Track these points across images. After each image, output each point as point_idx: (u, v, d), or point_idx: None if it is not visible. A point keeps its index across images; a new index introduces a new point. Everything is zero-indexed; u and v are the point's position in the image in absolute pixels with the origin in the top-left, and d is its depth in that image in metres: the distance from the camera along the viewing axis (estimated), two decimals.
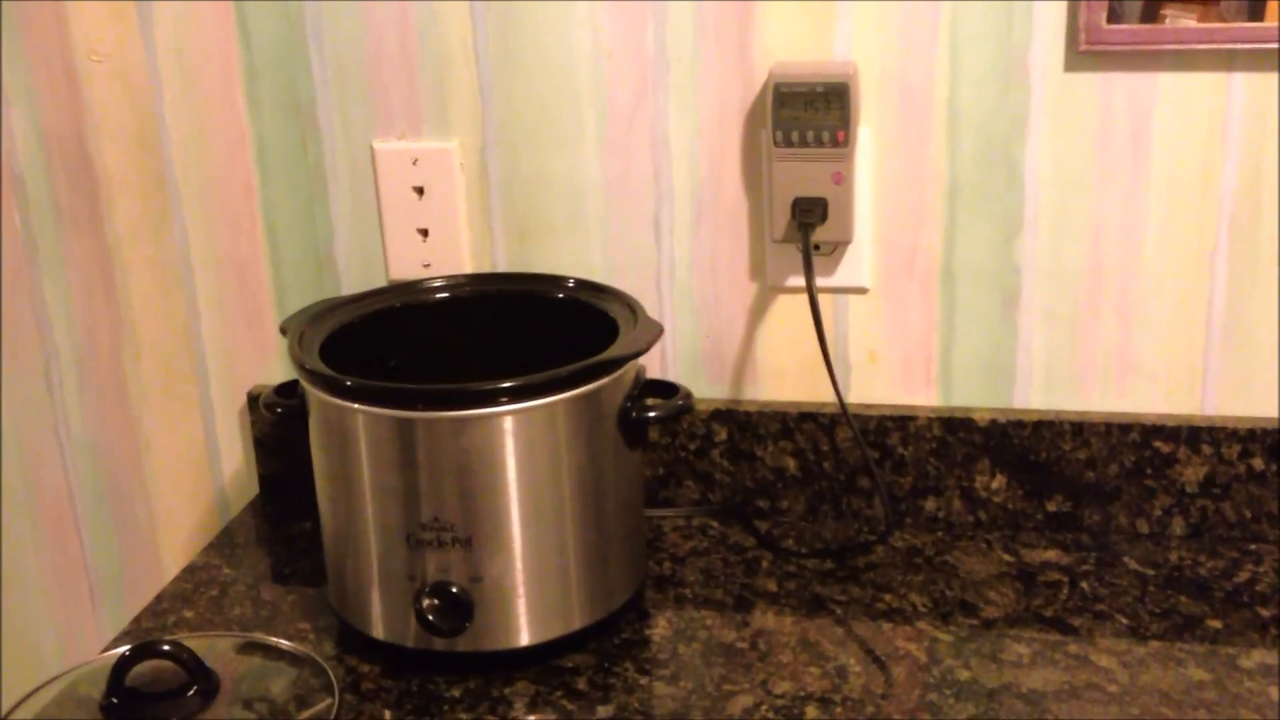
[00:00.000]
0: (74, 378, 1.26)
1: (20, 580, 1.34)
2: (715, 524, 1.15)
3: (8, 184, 1.21)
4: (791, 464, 1.15)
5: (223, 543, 1.17)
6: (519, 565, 0.94)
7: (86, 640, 1.34)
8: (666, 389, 1.00)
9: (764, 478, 1.16)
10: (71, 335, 1.25)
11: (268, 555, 1.16)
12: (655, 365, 1.16)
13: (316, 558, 1.05)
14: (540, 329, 1.06)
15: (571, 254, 1.15)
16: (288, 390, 1.00)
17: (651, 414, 0.97)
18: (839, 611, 1.02)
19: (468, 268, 1.17)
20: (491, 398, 0.90)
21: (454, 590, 0.93)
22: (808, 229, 1.06)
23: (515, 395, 0.90)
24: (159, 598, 1.09)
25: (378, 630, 0.97)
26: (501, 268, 1.16)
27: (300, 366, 0.94)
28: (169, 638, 0.97)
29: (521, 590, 0.94)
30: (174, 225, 1.19)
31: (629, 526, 1.01)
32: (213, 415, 1.25)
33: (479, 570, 0.93)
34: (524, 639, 0.96)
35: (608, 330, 1.00)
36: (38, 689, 0.97)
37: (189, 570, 1.13)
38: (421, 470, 0.91)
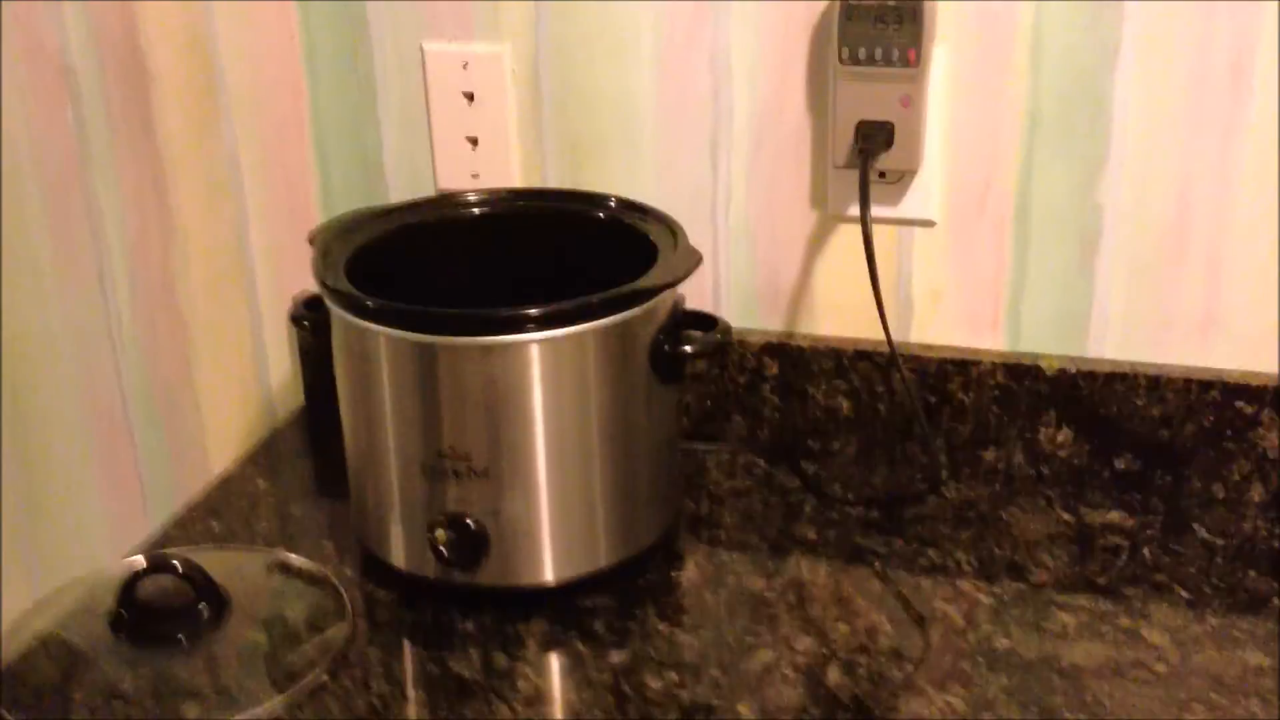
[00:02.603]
0: (125, 278, 1.24)
1: (73, 478, 1.34)
2: (761, 462, 1.10)
3: (61, 80, 1.19)
4: (845, 405, 1.09)
5: (260, 454, 1.16)
6: (541, 501, 0.90)
7: (138, 540, 1.34)
8: (705, 322, 0.95)
9: (815, 417, 1.10)
10: (123, 236, 1.23)
11: (304, 469, 1.14)
12: (706, 294, 1.11)
13: None
14: (579, 250, 1.01)
15: (623, 175, 1.09)
16: (316, 303, 0.97)
17: (686, 348, 0.92)
18: (878, 565, 0.97)
19: (517, 182, 1.12)
20: (516, 324, 0.86)
21: (469, 523, 0.89)
22: (869, 155, 1.00)
23: (541, 323, 0.86)
24: (190, 507, 1.08)
25: (397, 559, 0.94)
26: (552, 184, 1.12)
27: (322, 283, 0.91)
28: (183, 552, 0.95)
29: (544, 527, 0.91)
30: (223, 129, 1.16)
31: (660, 465, 0.97)
32: (260, 323, 1.23)
33: (497, 504, 0.89)
34: (547, 576, 0.92)
35: (648, 255, 0.94)
36: (54, 593, 0.97)
37: (224, 481, 1.11)
38: (441, 397, 0.88)
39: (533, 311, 0.86)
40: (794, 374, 1.10)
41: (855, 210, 1.04)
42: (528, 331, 0.86)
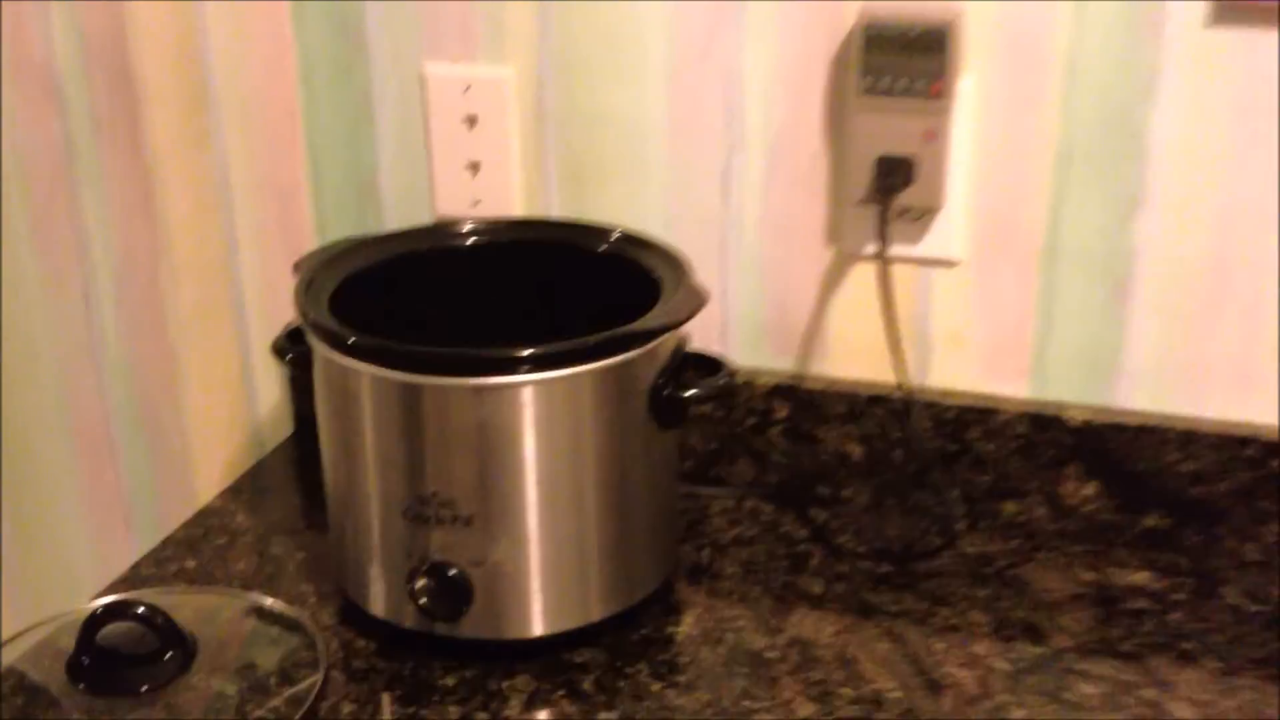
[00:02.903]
0: (111, 297, 1.19)
1: (56, 502, 1.30)
2: (767, 509, 1.05)
3: (48, 90, 1.14)
4: (857, 450, 1.04)
5: (243, 486, 1.11)
6: (531, 551, 0.84)
7: (121, 562, 1.29)
8: (710, 364, 0.89)
9: (825, 463, 1.05)
10: (110, 253, 1.18)
11: (288, 504, 1.09)
12: (713, 330, 1.05)
13: None
14: (578, 285, 0.96)
15: (629, 203, 1.04)
16: (300, 335, 0.92)
17: (688, 392, 0.87)
18: (887, 624, 0.91)
19: (518, 209, 1.07)
20: (508, 366, 0.81)
21: (452, 572, 0.84)
22: (889, 192, 0.94)
23: (535, 364, 0.81)
24: (164, 543, 1.03)
25: (375, 606, 0.89)
26: (555, 212, 1.06)
27: (303, 315, 0.86)
28: (153, 595, 0.90)
29: (533, 577, 0.85)
30: (214, 144, 1.12)
31: (659, 513, 0.91)
32: (249, 347, 1.18)
33: (483, 552, 0.84)
34: (535, 629, 0.87)
35: (652, 291, 0.89)
36: (17, 635, 0.92)
37: (201, 514, 1.06)
38: (426, 440, 0.82)
39: (526, 352, 0.80)
40: (804, 417, 1.04)
41: (872, 248, 0.99)
42: (520, 373, 0.80)
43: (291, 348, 0.90)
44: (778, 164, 1.01)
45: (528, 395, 0.81)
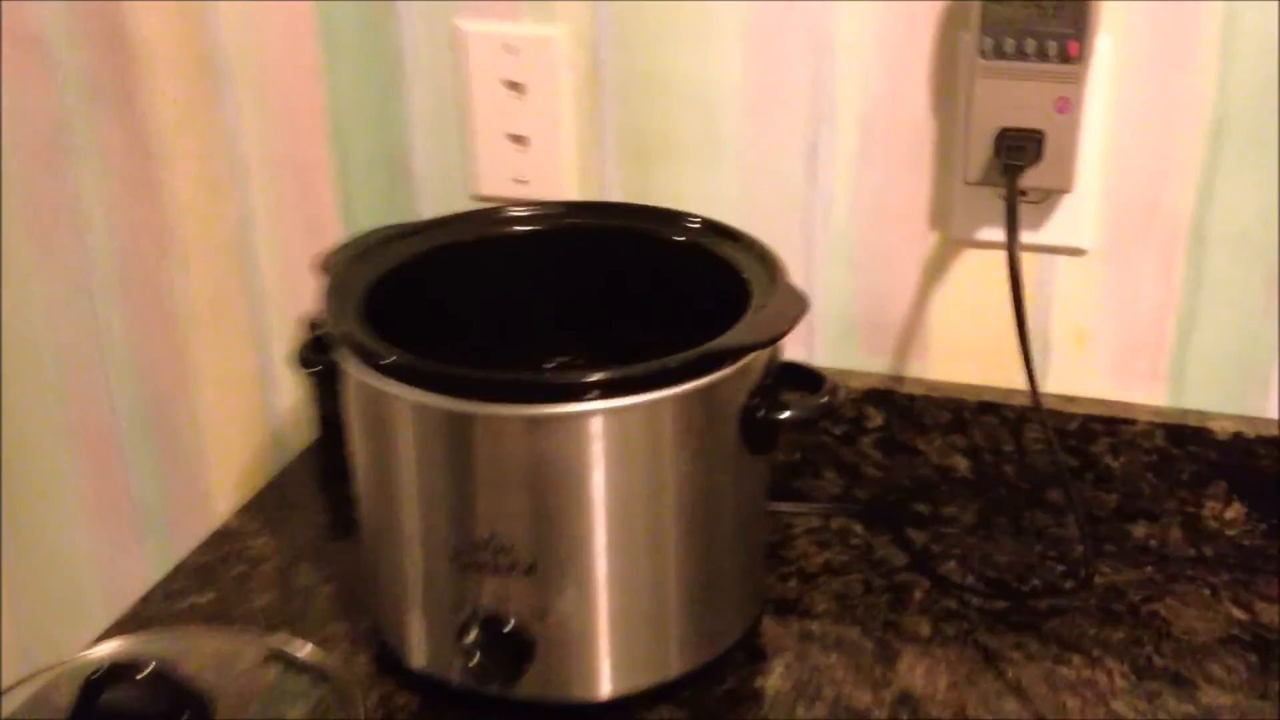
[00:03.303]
0: (116, 286, 1.07)
1: (61, 509, 1.18)
2: (859, 529, 0.92)
3: (35, 53, 1.01)
4: (962, 464, 0.91)
5: (263, 502, 0.98)
6: (600, 602, 0.72)
7: (131, 575, 1.18)
8: (808, 378, 0.76)
9: (925, 477, 0.92)
10: (112, 236, 1.05)
11: (313, 522, 0.96)
12: (797, 330, 0.92)
13: None
14: (648, 283, 0.83)
15: (700, 183, 0.91)
16: (324, 343, 0.79)
17: (785, 414, 0.74)
18: (1010, 674, 0.79)
19: (572, 191, 0.93)
20: (575, 392, 0.68)
21: (508, 627, 0.71)
22: (1015, 171, 0.80)
23: (606, 390, 0.68)
24: (175, 571, 0.90)
25: (417, 658, 0.76)
26: (613, 194, 0.93)
27: (333, 328, 0.73)
28: (162, 642, 0.78)
29: (602, 632, 0.73)
30: (224, 116, 0.98)
31: (747, 550, 0.79)
32: (267, 342, 1.05)
33: (545, 604, 0.71)
34: (603, 689, 0.74)
35: (736, 292, 0.76)
36: (12, 687, 0.80)
37: (217, 537, 0.94)
38: (478, 476, 0.69)
39: (595, 376, 0.67)
40: (902, 426, 0.91)
41: (986, 234, 0.86)
42: (589, 400, 0.67)
43: (316, 358, 0.77)
44: (874, 139, 0.87)
45: (598, 426, 0.68)
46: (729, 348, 0.70)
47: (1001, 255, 0.81)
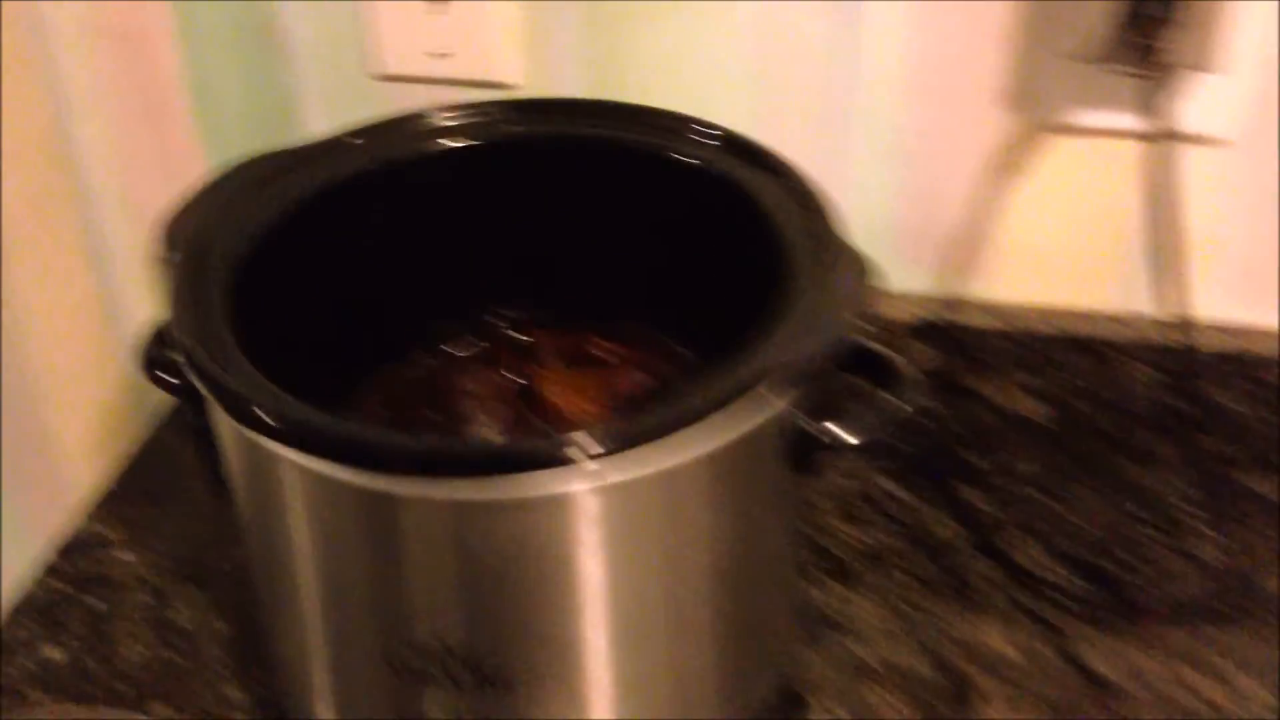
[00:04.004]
0: None
1: None
2: (901, 493, 0.72)
3: None
4: (1037, 409, 0.70)
5: (129, 489, 0.75)
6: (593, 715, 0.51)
7: None
8: (874, 364, 0.54)
9: (989, 426, 0.71)
10: None
11: (189, 517, 0.73)
12: None
13: None
14: (637, 224, 0.59)
15: (693, 47, 0.66)
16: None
17: (847, 437, 0.52)
18: (1112, 707, 0.60)
19: (511, 65, 0.68)
20: (552, 461, 0.45)
21: None
22: (1148, 36, 0.57)
23: (609, 453, 0.45)
24: (15, 615, 0.68)
25: None
26: (570, 65, 0.68)
27: (189, 362, 0.48)
28: None
29: None
30: None
31: (783, 610, 0.58)
32: (107, 256, 0.80)
33: None
34: None
35: (760, 243, 0.53)
36: None
37: (67, 552, 0.71)
38: (416, 565, 0.48)
39: (593, 447, 0.44)
40: (961, 361, 0.70)
41: (1089, 118, 0.63)
42: (576, 478, 0.45)
43: (170, 376, 0.53)
44: None
45: (589, 506, 0.46)
46: (777, 364, 0.47)
47: (1103, 144, 0.60)
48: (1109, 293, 0.63)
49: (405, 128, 0.59)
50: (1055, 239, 0.67)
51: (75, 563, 0.70)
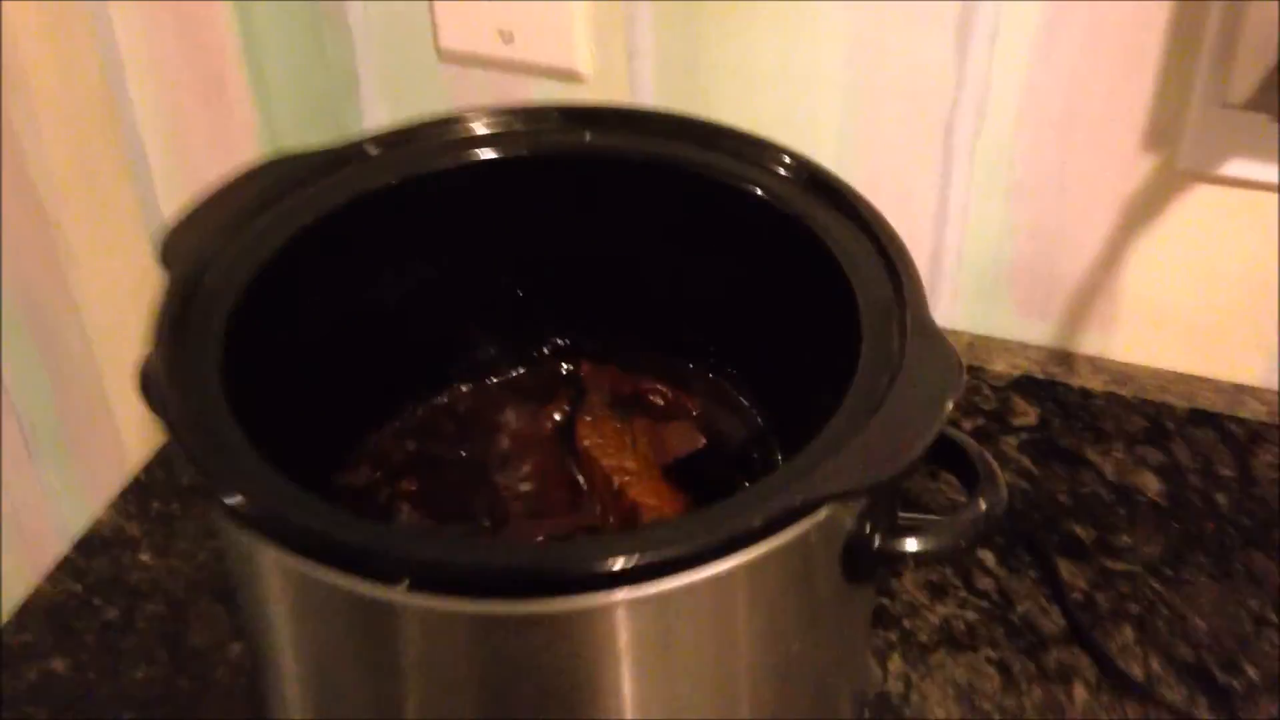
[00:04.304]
0: None
1: None
2: (992, 561, 0.64)
3: None
4: (1154, 484, 0.62)
5: (153, 480, 0.71)
6: None
7: (26, 492, 0.93)
8: (951, 453, 0.47)
9: (1095, 499, 0.63)
10: None
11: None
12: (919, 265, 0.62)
13: None
14: (698, 258, 0.52)
15: (782, 54, 0.59)
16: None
17: (912, 546, 0.44)
18: None
19: (577, 55, 0.61)
20: (587, 581, 0.38)
21: None
22: None
23: (635, 576, 0.38)
24: (20, 614, 0.64)
25: None
26: (644, 65, 0.61)
27: (166, 423, 0.43)
28: None
29: None
30: None
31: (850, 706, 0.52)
32: (154, 207, 0.75)
33: None
34: None
35: (835, 307, 0.46)
36: None
37: (83, 547, 0.67)
38: (416, 680, 0.42)
39: (619, 563, 0.38)
40: (1067, 426, 0.62)
41: (1227, 166, 0.55)
42: (613, 590, 0.38)
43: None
44: (1067, 15, 0.54)
45: (624, 620, 0.40)
46: (823, 495, 0.40)
47: (1248, 196, 0.52)
48: (1241, 362, 0.55)
49: (437, 135, 0.52)
50: (1186, 296, 0.59)
51: (89, 562, 0.66)
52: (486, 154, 0.52)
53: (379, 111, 0.69)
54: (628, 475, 0.52)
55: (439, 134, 0.51)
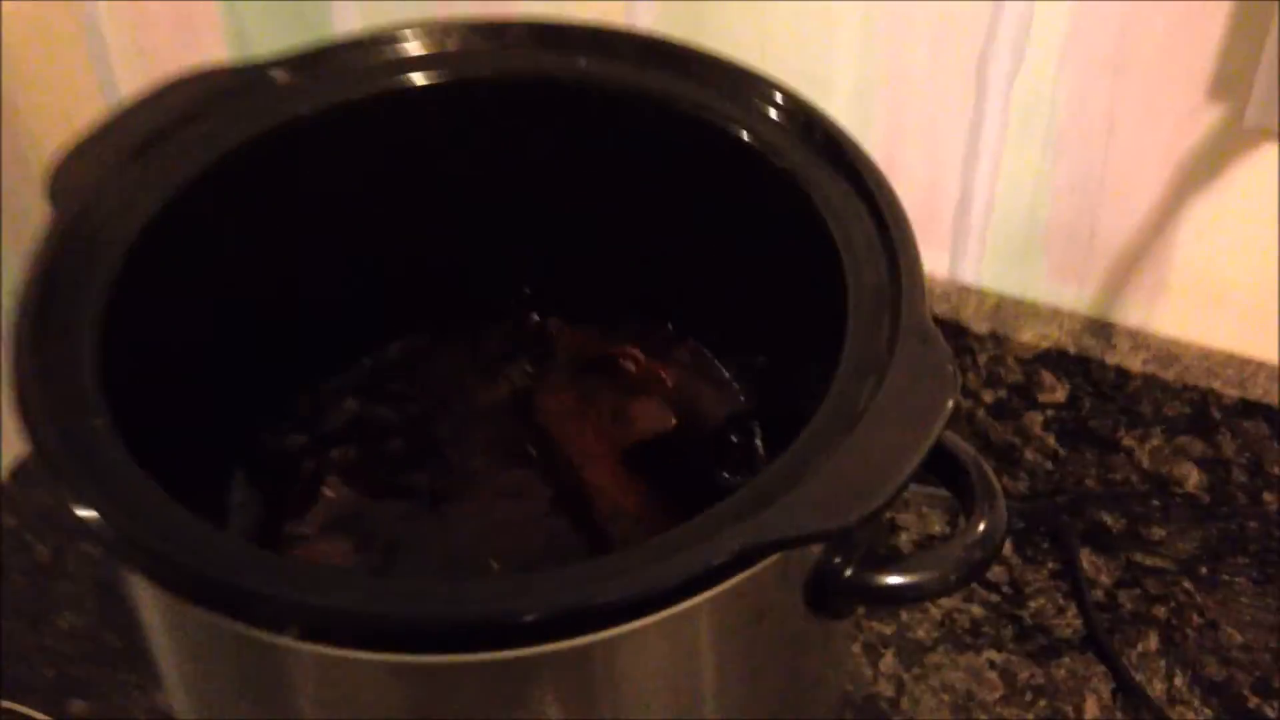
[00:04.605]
0: None
1: None
2: (1008, 548, 0.58)
3: None
4: (1194, 477, 0.55)
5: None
6: None
7: None
8: (946, 463, 0.40)
9: (1127, 487, 0.57)
10: None
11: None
12: (942, 232, 0.55)
13: None
14: (671, 194, 0.45)
15: None
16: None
17: (889, 579, 0.38)
18: None
19: None
20: (495, 636, 0.32)
21: None
22: None
23: (613, 616, 0.32)
24: None
25: None
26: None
27: (36, 451, 0.36)
28: None
29: None
30: None
31: None
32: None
33: None
34: None
35: (818, 265, 0.40)
36: None
37: (21, 476, 0.62)
38: None
39: (598, 598, 0.31)
40: (1101, 408, 0.55)
41: None
42: (526, 644, 0.32)
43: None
44: None
45: (598, 659, 0.34)
46: (771, 542, 0.33)
47: None
48: None
49: (362, 57, 0.45)
50: (1244, 269, 0.51)
51: (28, 492, 0.61)
52: (419, 79, 0.45)
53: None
54: (585, 458, 0.46)
55: (365, 56, 0.44)
